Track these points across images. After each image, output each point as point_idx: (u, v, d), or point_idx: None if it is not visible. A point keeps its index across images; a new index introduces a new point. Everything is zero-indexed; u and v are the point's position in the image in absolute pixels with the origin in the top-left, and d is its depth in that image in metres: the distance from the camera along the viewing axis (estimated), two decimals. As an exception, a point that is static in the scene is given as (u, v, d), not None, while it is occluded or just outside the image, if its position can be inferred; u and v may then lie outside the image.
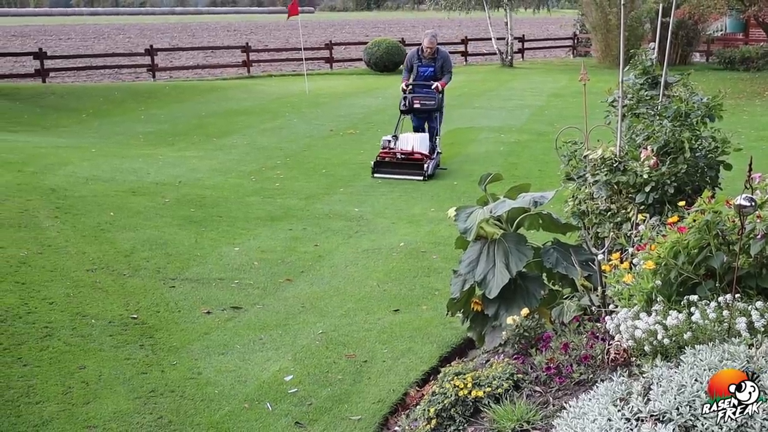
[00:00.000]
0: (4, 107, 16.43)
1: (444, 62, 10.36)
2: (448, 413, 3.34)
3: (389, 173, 9.77)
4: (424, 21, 71.96)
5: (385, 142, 10.16)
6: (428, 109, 10.27)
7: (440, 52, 10.39)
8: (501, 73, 25.60)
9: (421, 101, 10.22)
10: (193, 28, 60.61)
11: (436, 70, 10.31)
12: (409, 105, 10.25)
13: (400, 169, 9.77)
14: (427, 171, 9.69)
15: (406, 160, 9.82)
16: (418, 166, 9.71)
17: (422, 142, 10.08)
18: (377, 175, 9.76)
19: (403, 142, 10.15)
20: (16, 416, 3.92)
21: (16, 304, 5.33)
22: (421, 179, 9.55)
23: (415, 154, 9.85)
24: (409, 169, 9.72)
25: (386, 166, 9.86)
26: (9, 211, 7.61)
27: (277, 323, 5.24)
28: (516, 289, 3.92)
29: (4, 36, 49.59)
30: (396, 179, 9.59)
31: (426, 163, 9.74)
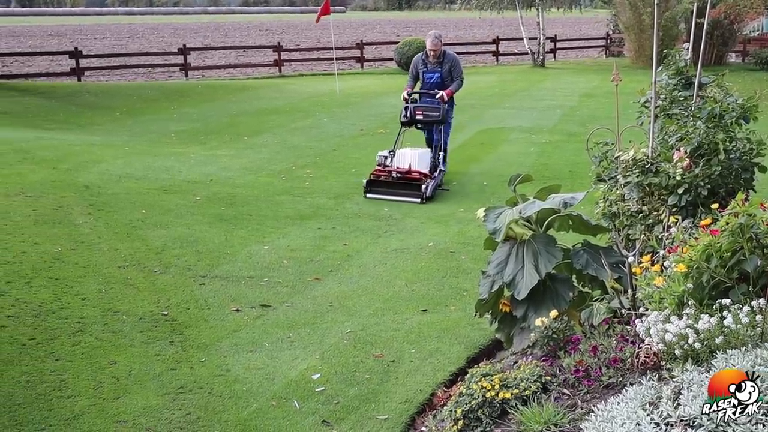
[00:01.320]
0: (40, 105, 16.70)
1: (452, 66, 9.41)
2: (475, 414, 3.33)
3: (383, 194, 8.67)
4: (455, 21, 71.78)
5: (380, 158, 9.02)
6: (431, 121, 9.32)
7: (447, 55, 9.43)
8: (532, 73, 25.44)
9: (424, 112, 9.26)
10: (225, 28, 61.09)
11: (443, 75, 9.41)
12: (411, 116, 9.29)
13: (394, 189, 8.68)
14: (426, 192, 8.56)
15: (403, 179, 8.74)
16: (415, 186, 8.63)
17: (421, 159, 9.04)
18: (370, 195, 8.67)
19: (400, 158, 9.01)
20: (48, 410, 3.98)
21: (49, 300, 5.41)
22: (418, 201, 8.49)
23: (412, 172, 8.78)
24: (405, 190, 8.64)
25: (380, 185, 8.76)
26: (44, 207, 7.73)
27: (305, 322, 5.26)
28: (545, 290, 3.89)
29: (41, 35, 50.38)
30: (391, 200, 8.56)
31: (425, 183, 8.64)
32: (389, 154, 9.02)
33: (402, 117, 9.36)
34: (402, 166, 8.88)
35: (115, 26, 64.00)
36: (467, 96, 18.72)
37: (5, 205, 7.68)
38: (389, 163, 8.94)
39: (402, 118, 9.36)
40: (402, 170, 8.78)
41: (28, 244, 6.56)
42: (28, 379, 4.28)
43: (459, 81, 9.48)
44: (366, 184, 8.75)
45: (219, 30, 58.46)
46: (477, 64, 29.70)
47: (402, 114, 9.36)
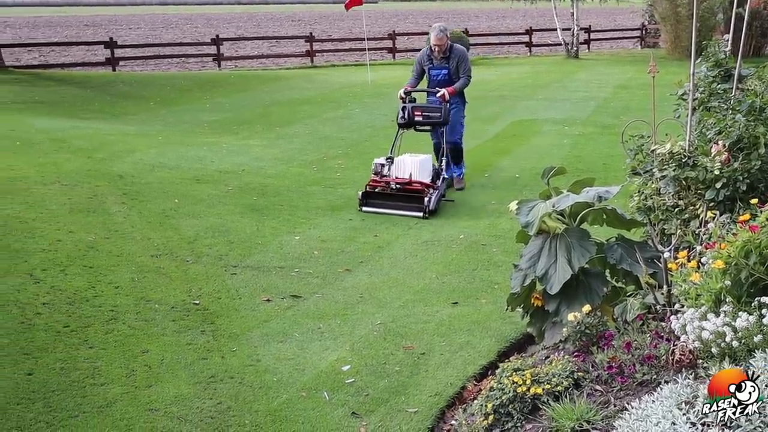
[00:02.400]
0: (76, 95, 16.90)
1: (460, 62, 8.56)
2: (506, 409, 3.30)
3: (380, 207, 7.70)
4: (487, 11, 71.32)
5: (376, 166, 8.05)
6: (431, 123, 8.41)
7: (455, 50, 8.60)
8: (566, 65, 25.18)
9: (424, 113, 8.34)
10: (258, 18, 61.33)
11: (450, 72, 8.56)
12: (409, 117, 8.30)
13: (393, 202, 7.69)
14: (429, 206, 7.53)
15: (402, 191, 7.77)
16: (416, 199, 7.62)
17: (423, 167, 8.06)
18: (365, 209, 7.70)
19: (399, 167, 8.04)
20: (82, 396, 4.03)
21: (83, 288, 5.48)
22: (420, 216, 7.50)
23: (413, 183, 7.81)
24: (405, 203, 7.66)
25: (377, 198, 7.78)
26: (79, 196, 7.83)
27: (335, 313, 5.27)
28: (578, 285, 3.85)
29: (77, 25, 50.99)
30: (389, 215, 7.61)
31: (427, 195, 7.63)
32: (387, 161, 8.07)
33: (399, 118, 8.37)
34: (401, 175, 7.96)
35: (150, 16, 64.56)
36: (499, 87, 18.64)
37: (41, 194, 7.79)
38: (387, 173, 8.01)
39: (399, 119, 8.37)
40: (401, 181, 7.83)
41: (63, 232, 6.64)
42: (63, 366, 4.33)
43: (465, 77, 8.61)
44: (361, 196, 7.76)
45: (252, 20, 58.70)
46: (509, 55, 29.47)
47: (399, 115, 8.37)
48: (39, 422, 3.77)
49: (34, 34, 41.82)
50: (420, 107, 8.42)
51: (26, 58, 26.99)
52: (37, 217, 7.01)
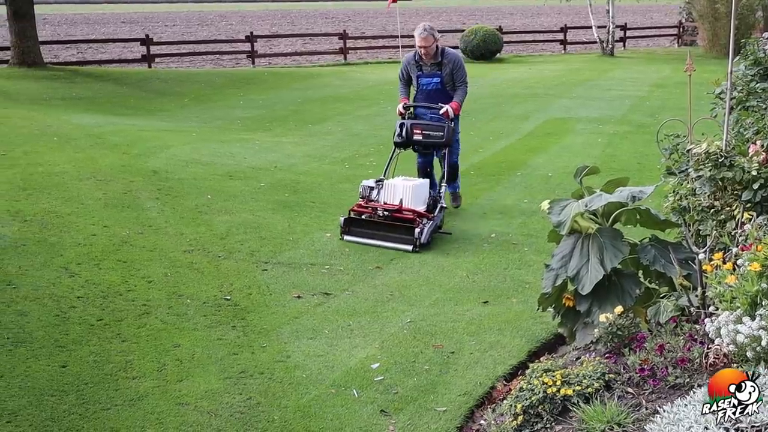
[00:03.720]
0: (112, 91, 17.12)
1: (455, 68, 7.40)
2: (536, 410, 3.28)
3: (364, 237, 6.68)
4: (521, 8, 70.87)
5: (364, 189, 7.04)
6: (432, 144, 7.37)
7: (447, 54, 7.43)
8: (601, 62, 24.93)
9: (424, 131, 7.27)
10: (292, 16, 61.61)
11: (443, 80, 7.40)
12: (407, 136, 7.27)
13: (379, 231, 6.68)
14: (420, 238, 6.50)
15: (391, 219, 6.73)
16: (406, 230, 6.59)
17: (417, 193, 6.98)
18: (347, 238, 6.70)
19: (388, 191, 7.03)
20: (114, 389, 4.08)
21: (117, 282, 5.55)
22: (409, 250, 6.50)
23: (403, 211, 6.77)
24: (392, 233, 6.64)
25: (361, 226, 6.76)
26: (114, 191, 7.93)
27: (365, 310, 5.27)
28: (610, 285, 3.81)
29: (114, 22, 51.66)
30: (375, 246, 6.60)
31: (419, 226, 6.57)
32: (376, 184, 7.07)
33: (396, 136, 7.33)
34: (391, 201, 6.95)
35: (185, 14, 65.17)
36: (533, 85, 18.52)
37: (77, 189, 7.90)
38: (375, 197, 7.04)
39: (396, 137, 7.33)
40: (390, 207, 6.80)
41: (98, 227, 6.73)
42: (96, 359, 4.39)
43: (463, 87, 7.47)
44: (343, 222, 6.76)
45: (286, 17, 58.99)
46: (544, 53, 29.27)
47: (396, 132, 7.33)
48: (72, 414, 3.83)
49: (72, 31, 42.46)
50: (420, 125, 7.33)
51: (64, 54, 27.41)
52: (72, 211, 7.12)
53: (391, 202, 6.91)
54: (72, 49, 29.64)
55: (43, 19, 40.65)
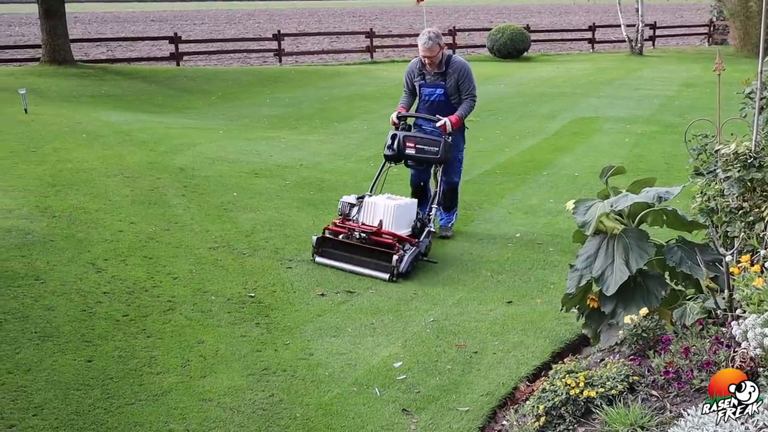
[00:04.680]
0: (141, 89, 17.29)
1: (461, 78, 6.63)
2: (558, 412, 3.25)
3: (337, 260, 6.02)
4: (549, 6, 70.43)
5: (344, 205, 6.39)
6: (425, 160, 6.63)
7: (453, 63, 6.67)
8: (629, 62, 24.71)
9: (417, 145, 6.53)
10: (320, 14, 61.80)
11: (448, 91, 6.66)
12: (399, 149, 6.56)
13: (354, 255, 6.00)
14: (399, 266, 5.80)
15: (368, 242, 6.02)
16: (383, 256, 5.89)
17: (400, 214, 6.24)
18: (319, 260, 6.07)
19: (367, 210, 6.32)
20: (139, 384, 4.12)
21: (143, 278, 5.60)
22: (385, 279, 5.80)
23: (382, 234, 6.08)
24: (368, 259, 5.94)
25: (336, 247, 6.09)
26: (141, 188, 8.00)
27: (388, 309, 5.27)
28: (635, 287, 3.77)
29: (143, 20, 52.17)
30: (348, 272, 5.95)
31: (398, 252, 5.88)
32: (357, 201, 6.40)
33: (386, 148, 6.64)
34: (370, 222, 6.24)
35: (214, 12, 65.64)
36: (560, 84, 18.41)
37: (105, 185, 7.99)
38: (355, 216, 6.37)
39: (386, 149, 6.64)
40: (368, 229, 6.13)
41: (125, 223, 6.80)
42: (121, 354, 4.44)
43: (470, 100, 6.70)
44: (316, 242, 6.12)
45: (313, 16, 59.18)
46: (571, 52, 29.07)
47: (387, 144, 6.64)
48: (97, 408, 3.87)
49: (102, 29, 42.95)
50: (414, 138, 6.59)
51: (94, 52, 27.75)
52: (100, 208, 7.20)
53: (371, 223, 6.21)
54: (102, 47, 30.00)
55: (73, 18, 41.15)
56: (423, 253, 6.18)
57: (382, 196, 6.50)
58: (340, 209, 6.40)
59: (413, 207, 6.47)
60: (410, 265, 5.90)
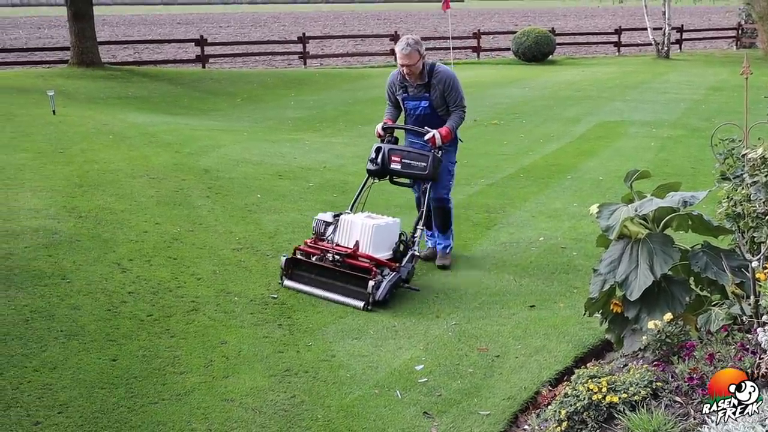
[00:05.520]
0: (167, 91, 17.44)
1: (446, 89, 6.05)
2: (580, 417, 3.23)
3: (308, 284, 5.52)
4: (575, 10, 70.05)
5: (319, 224, 5.82)
6: (412, 175, 6.07)
7: (437, 72, 6.06)
8: (656, 65, 24.51)
9: (404, 160, 5.98)
10: (345, 17, 61.94)
11: (433, 104, 6.06)
12: (383, 163, 6.02)
13: (327, 280, 5.48)
14: (375, 294, 5.26)
15: (341, 266, 5.48)
16: (359, 281, 5.37)
17: (379, 235, 5.64)
18: (288, 283, 5.58)
19: (343, 229, 5.76)
20: (162, 384, 4.15)
21: (167, 278, 5.65)
22: (360, 307, 5.27)
23: (358, 257, 5.55)
24: (341, 284, 5.42)
25: (306, 270, 5.59)
26: (166, 189, 8.07)
27: (410, 311, 5.27)
28: (659, 292, 3.74)
29: (170, 23, 52.61)
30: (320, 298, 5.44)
31: (375, 277, 5.33)
32: (334, 219, 5.85)
33: (369, 162, 6.09)
34: (346, 243, 5.70)
35: (239, 15, 66.05)
36: (585, 88, 18.29)
37: (130, 186, 8.07)
38: (330, 235, 5.79)
39: (369, 163, 6.09)
40: (342, 250, 5.58)
41: (150, 224, 6.87)
42: (145, 354, 4.48)
43: (459, 112, 6.16)
44: (284, 263, 5.61)
45: (338, 19, 59.35)
46: (597, 55, 28.90)
47: (370, 157, 6.09)
48: (121, 407, 3.91)
49: (129, 32, 43.38)
50: (400, 151, 6.04)
51: (122, 55, 28.03)
52: (126, 208, 7.27)
53: (346, 244, 5.67)
54: (129, 49, 30.29)
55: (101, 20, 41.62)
56: (404, 279, 5.58)
57: (361, 214, 5.92)
58: (314, 227, 5.85)
59: (395, 227, 5.84)
60: (388, 292, 5.33)
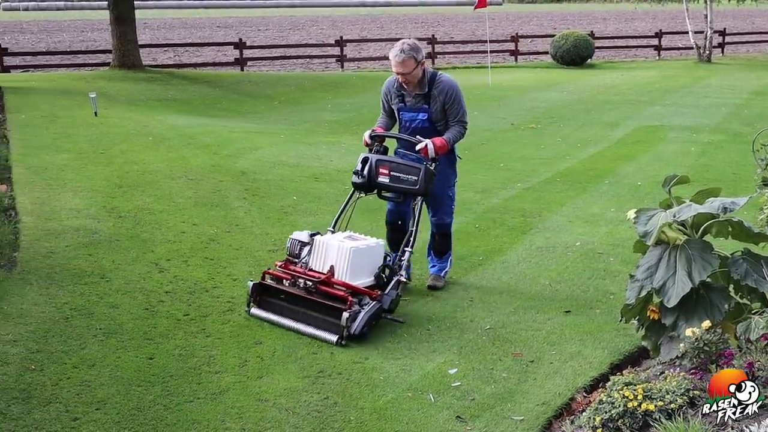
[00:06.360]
0: (206, 94, 17.64)
1: (447, 101, 5.48)
2: (615, 424, 3.21)
3: (277, 313, 4.97)
4: (615, 13, 69.32)
5: (293, 244, 5.26)
6: (402, 190, 5.40)
7: (438, 82, 5.47)
8: (697, 69, 24.16)
9: (392, 171, 5.36)
10: (382, 20, 62.02)
11: (432, 117, 5.50)
12: (370, 175, 5.42)
13: (299, 309, 4.91)
14: (351, 327, 4.67)
15: (314, 293, 4.88)
16: (332, 312, 4.77)
17: (358, 259, 5.03)
18: (255, 311, 5.03)
19: (317, 252, 5.17)
20: (197, 383, 4.20)
21: (204, 278, 5.71)
22: (333, 341, 4.70)
23: (333, 284, 4.95)
24: (314, 313, 4.85)
25: (277, 297, 5.04)
26: (204, 190, 8.16)
27: (445, 315, 5.26)
28: (698, 299, 3.69)
29: (210, 27, 53.17)
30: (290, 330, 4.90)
31: (351, 309, 4.72)
32: (310, 239, 5.25)
33: (355, 174, 5.48)
34: (320, 267, 5.12)
35: (278, 18, 66.52)
36: (624, 92, 18.10)
37: (169, 187, 8.18)
38: (305, 258, 5.21)
39: (354, 176, 5.49)
40: (315, 275, 4.98)
41: (188, 224, 6.95)
42: (181, 353, 4.53)
43: (459, 127, 5.55)
44: (252, 289, 5.06)
45: (375, 22, 59.44)
46: (637, 59, 28.57)
47: (356, 169, 5.49)
48: (157, 405, 3.96)
49: (170, 35, 43.92)
50: (389, 163, 5.42)
51: (162, 57, 28.38)
52: (164, 209, 7.37)
53: (321, 269, 5.09)
54: (169, 52, 30.66)
55: (143, 24, 42.23)
56: (387, 309, 4.96)
57: (340, 234, 5.31)
58: (288, 248, 5.27)
59: (379, 250, 5.20)
60: (366, 325, 4.72)
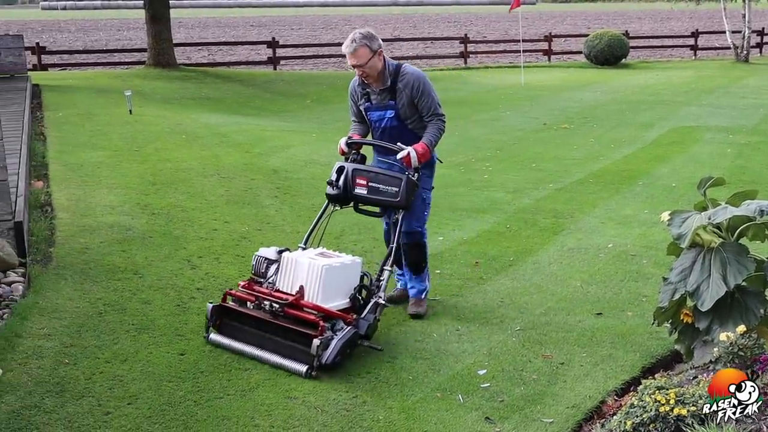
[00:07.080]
0: (239, 92, 17.76)
1: (415, 95, 4.92)
2: (647, 429, 3.17)
3: (239, 340, 4.49)
4: (650, 12, 68.53)
5: (259, 262, 4.82)
6: (381, 203, 4.96)
7: (403, 75, 4.92)
8: (734, 69, 23.79)
9: (371, 182, 4.87)
10: (414, 20, 61.97)
11: (400, 113, 4.96)
12: (346, 187, 4.93)
13: (265, 335, 4.44)
14: (323, 356, 4.21)
15: (281, 317, 4.42)
16: (301, 338, 4.29)
17: (332, 279, 4.53)
18: (215, 337, 4.57)
19: (286, 271, 4.67)
20: (227, 380, 4.23)
21: (235, 276, 5.75)
22: (302, 373, 4.23)
23: (303, 307, 4.44)
24: (281, 340, 4.37)
25: (240, 320, 4.55)
26: (236, 188, 8.22)
27: (474, 316, 5.24)
28: (732, 303, 3.63)
29: (243, 26, 53.56)
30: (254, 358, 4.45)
31: (322, 335, 4.23)
32: (278, 256, 4.78)
33: (330, 186, 4.99)
34: (288, 287, 4.61)
35: (311, 17, 66.77)
36: (659, 92, 17.88)
37: (202, 185, 8.25)
38: (272, 277, 4.73)
39: (329, 188, 4.99)
40: (283, 297, 4.47)
41: (220, 222, 7.00)
42: (211, 350, 4.57)
43: (437, 122, 5.02)
44: (211, 312, 4.57)
45: (408, 21, 59.41)
46: (672, 59, 28.22)
47: (331, 179, 4.99)
48: (188, 401, 4.00)
49: (204, 33, 44.33)
50: (367, 173, 4.92)
51: (196, 56, 28.65)
52: (196, 206, 7.44)
53: (289, 289, 4.58)
54: (203, 50, 30.96)
55: (178, 23, 42.67)
56: (363, 335, 4.48)
57: (311, 251, 4.84)
58: (254, 267, 4.81)
59: (354, 269, 4.76)
60: (339, 353, 4.25)
